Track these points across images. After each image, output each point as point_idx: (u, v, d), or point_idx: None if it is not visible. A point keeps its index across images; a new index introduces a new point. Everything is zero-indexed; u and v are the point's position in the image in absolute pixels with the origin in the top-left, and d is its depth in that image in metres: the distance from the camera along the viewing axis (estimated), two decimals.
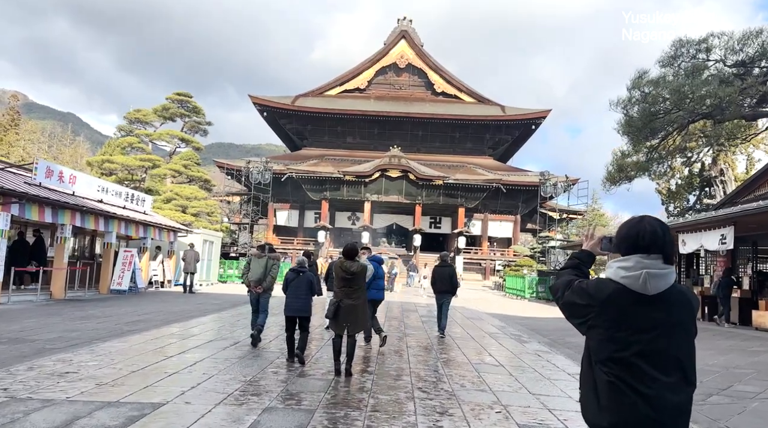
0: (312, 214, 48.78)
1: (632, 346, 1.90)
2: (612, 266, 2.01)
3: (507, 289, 30.36)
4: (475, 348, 9.71)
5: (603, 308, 1.96)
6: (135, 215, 18.78)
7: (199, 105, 33.03)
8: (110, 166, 28.92)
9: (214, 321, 11.82)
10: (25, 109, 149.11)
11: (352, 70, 55.26)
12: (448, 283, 11.16)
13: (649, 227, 1.99)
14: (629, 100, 21.68)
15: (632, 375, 1.88)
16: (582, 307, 2.03)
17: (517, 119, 51.17)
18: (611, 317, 1.94)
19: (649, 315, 1.92)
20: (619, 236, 2.07)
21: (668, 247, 1.99)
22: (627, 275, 1.93)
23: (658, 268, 1.93)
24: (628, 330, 1.92)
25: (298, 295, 7.45)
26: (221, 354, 7.73)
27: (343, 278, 6.65)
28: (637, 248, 1.96)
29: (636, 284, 1.91)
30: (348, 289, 6.65)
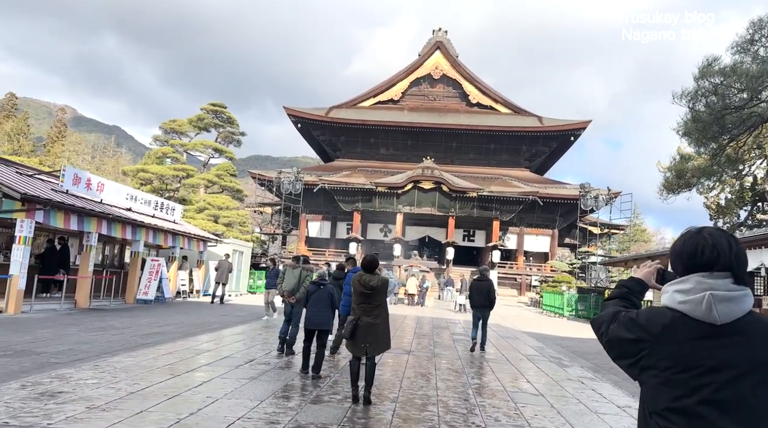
0: (344, 225, 48.40)
1: (698, 392, 1.51)
2: (668, 291, 1.65)
3: (544, 306, 29.08)
4: (511, 373, 8.85)
5: (658, 343, 1.59)
6: (164, 224, 18.60)
7: (233, 116, 33.16)
8: (145, 175, 29.15)
9: (234, 335, 11.29)
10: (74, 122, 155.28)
11: (386, 82, 54.99)
12: (486, 297, 11.08)
13: (711, 238, 1.62)
14: (696, 92, 18.81)
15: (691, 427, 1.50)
16: (631, 343, 1.64)
17: (555, 130, 49.79)
18: (669, 355, 1.57)
19: (719, 351, 1.53)
20: (674, 253, 1.70)
21: (738, 262, 1.61)
22: (686, 299, 1.58)
23: (726, 289, 1.56)
24: (692, 370, 1.53)
25: (319, 308, 7.26)
26: (232, 373, 7.13)
27: (361, 293, 6.01)
28: (696, 266, 1.61)
29: (698, 310, 1.55)
30: (367, 305, 6.00)
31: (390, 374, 7.86)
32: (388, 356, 9.51)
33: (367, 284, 5.93)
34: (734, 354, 1.52)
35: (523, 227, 47.35)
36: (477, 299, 11.13)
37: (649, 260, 19.41)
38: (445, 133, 50.64)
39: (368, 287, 5.92)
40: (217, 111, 32.40)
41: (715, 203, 32.55)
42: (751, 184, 31.08)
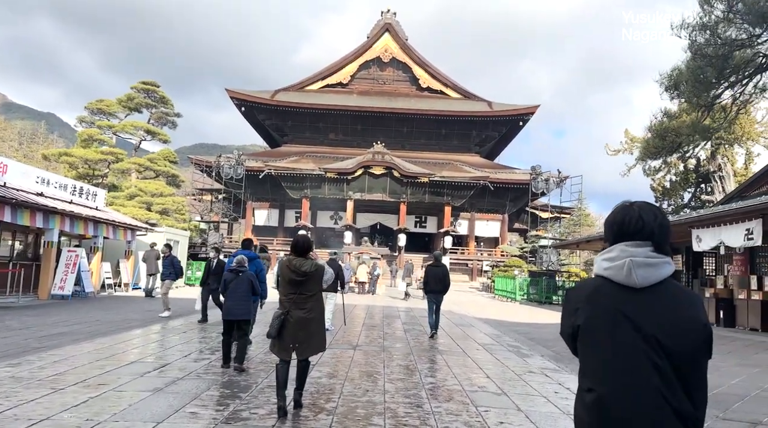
0: (293, 213, 46.74)
1: (618, 349, 1.60)
2: (597, 261, 1.77)
3: (496, 291, 28.65)
4: (469, 367, 7.87)
5: (585, 307, 1.70)
6: (83, 211, 16.68)
7: (167, 95, 30.80)
8: (68, 159, 26.61)
9: (153, 335, 9.84)
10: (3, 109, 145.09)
11: (335, 64, 53.31)
12: (441, 283, 11.01)
13: (638, 210, 1.72)
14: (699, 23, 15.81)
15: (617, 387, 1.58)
16: (569, 316, 1.76)
17: (505, 114, 49.60)
18: (592, 315, 1.67)
19: (635, 309, 1.62)
20: (606, 224, 1.82)
21: (660, 233, 1.70)
22: (610, 266, 1.68)
23: (645, 256, 1.65)
24: (613, 330, 1.62)
25: (238, 297, 6.74)
26: (134, 384, 5.79)
27: (291, 281, 4.95)
28: (622, 235, 1.71)
29: (620, 275, 1.65)
30: (297, 296, 4.94)
31: (330, 376, 6.69)
32: (330, 353, 8.35)
33: (299, 270, 4.90)
34: (650, 312, 1.62)
35: (474, 213, 47.05)
36: (432, 284, 10.98)
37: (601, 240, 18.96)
38: (396, 117, 49.57)
39: (300, 273, 4.89)
40: (149, 90, 30.00)
41: (661, 185, 33.02)
42: (695, 166, 31.63)
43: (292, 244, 5.18)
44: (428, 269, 11.42)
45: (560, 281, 26.55)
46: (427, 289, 11.13)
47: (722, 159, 28.09)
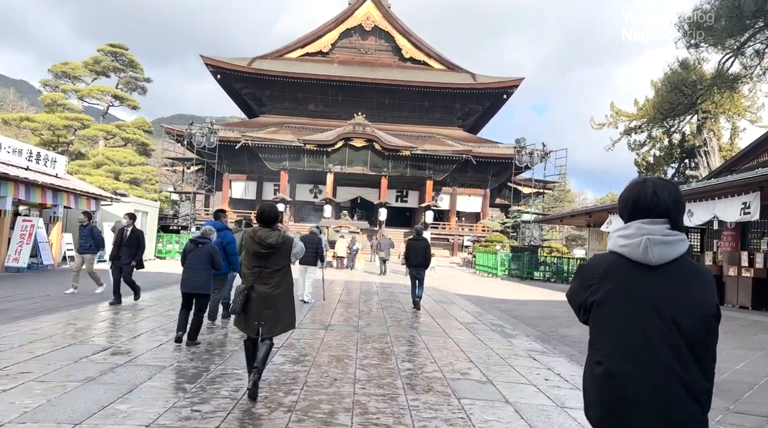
0: (271, 186, 45.64)
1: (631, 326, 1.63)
2: (612, 236, 1.76)
3: (477, 266, 28.20)
4: (450, 349, 7.20)
5: (601, 282, 1.71)
6: (41, 178, 15.54)
7: (136, 59, 29.15)
8: (30, 124, 25.08)
9: (106, 312, 8.99)
10: None
11: (315, 32, 51.58)
12: (422, 256, 10.97)
13: (653, 187, 1.73)
14: None
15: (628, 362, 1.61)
16: (581, 290, 1.78)
17: (489, 86, 48.66)
18: (609, 291, 1.69)
19: (650, 287, 1.65)
20: (620, 201, 1.80)
21: (676, 210, 1.72)
22: (626, 243, 1.69)
23: (662, 234, 1.66)
24: (627, 307, 1.65)
25: (195, 269, 6.45)
26: (60, 372, 4.97)
27: (256, 253, 4.53)
28: (638, 213, 1.72)
29: (636, 252, 1.66)
30: (263, 270, 4.52)
31: (294, 361, 5.95)
32: (299, 333, 7.62)
33: (264, 242, 4.48)
34: (665, 289, 1.64)
35: (455, 187, 46.46)
36: (413, 258, 10.96)
37: (586, 215, 18.40)
38: (378, 88, 48.31)
39: (265, 245, 4.47)
40: (117, 53, 28.31)
41: (645, 160, 32.66)
42: (680, 140, 31.26)
43: (258, 213, 4.70)
44: (409, 243, 11.33)
45: (542, 257, 26.18)
46: (409, 263, 11.15)
47: (708, 133, 27.71)
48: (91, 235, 10.80)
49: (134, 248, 9.58)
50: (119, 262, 9.57)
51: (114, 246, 9.75)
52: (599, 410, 1.66)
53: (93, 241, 10.81)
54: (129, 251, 9.54)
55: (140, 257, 9.78)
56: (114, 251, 9.69)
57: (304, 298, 11.02)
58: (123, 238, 9.54)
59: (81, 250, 11.09)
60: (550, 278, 24.45)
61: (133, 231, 9.66)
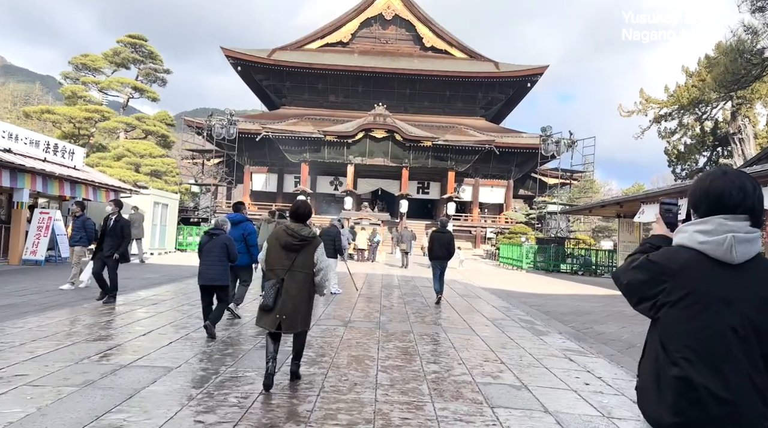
0: (292, 178, 45.43)
1: (712, 328, 1.57)
2: (686, 230, 1.68)
3: (501, 258, 27.51)
4: (479, 350, 6.68)
5: (677, 280, 1.63)
6: (57, 170, 15.38)
7: (156, 50, 29.01)
8: (51, 117, 25.12)
9: (119, 307, 8.68)
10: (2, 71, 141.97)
11: (335, 22, 51.02)
12: (446, 249, 10.86)
13: (737, 181, 1.66)
14: None
15: (708, 366, 1.56)
16: (649, 284, 1.69)
17: (513, 75, 47.58)
18: (687, 292, 1.61)
19: (733, 287, 1.59)
20: (697, 193, 1.72)
21: (760, 207, 1.67)
22: (707, 240, 1.62)
23: (745, 231, 1.62)
24: (709, 308, 1.59)
25: (212, 261, 6.41)
26: (58, 374, 4.59)
27: (288, 246, 4.57)
28: (720, 208, 1.64)
29: (719, 250, 1.60)
30: (293, 265, 4.56)
31: (311, 362, 5.50)
32: (318, 330, 7.19)
33: (297, 234, 4.58)
34: (745, 289, 1.59)
35: (478, 178, 45.67)
36: (437, 250, 10.84)
37: (617, 205, 17.60)
38: (399, 78, 47.62)
39: (298, 237, 4.57)
40: (136, 44, 28.20)
41: (676, 149, 31.47)
42: (712, 128, 30.01)
43: (293, 209, 4.86)
44: (433, 235, 11.19)
45: (569, 249, 25.39)
46: (432, 255, 11.01)
47: (743, 120, 26.46)
48: (83, 227, 10.05)
49: (118, 238, 8.61)
50: (101, 254, 8.60)
51: (99, 237, 8.87)
52: (670, 413, 1.60)
53: (84, 233, 10.05)
54: (112, 242, 8.57)
55: (124, 249, 8.80)
56: (99, 241, 8.79)
57: (331, 290, 11.13)
58: (107, 227, 8.65)
59: (71, 242, 10.39)
60: (578, 270, 23.68)
61: (117, 220, 8.72)
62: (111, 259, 8.53)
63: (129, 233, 8.88)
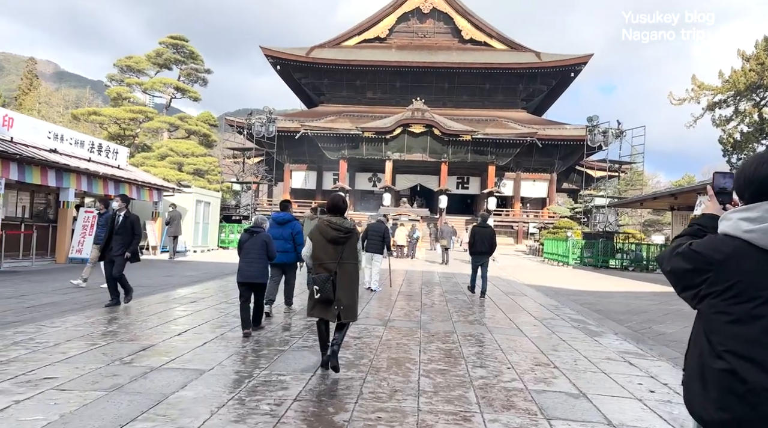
0: (331, 175, 45.54)
1: (759, 320, 1.48)
2: (730, 218, 1.58)
3: (545, 254, 26.66)
4: (528, 352, 6.22)
5: (721, 271, 1.55)
6: (101, 169, 15.63)
7: (197, 50, 29.42)
8: (97, 118, 25.79)
9: (156, 305, 8.60)
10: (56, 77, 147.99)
11: (372, 18, 50.77)
12: (488, 244, 10.80)
13: None
14: None
15: (754, 360, 1.47)
16: (692, 273, 1.62)
17: (555, 65, 46.21)
18: (732, 284, 1.53)
19: None
20: (742, 178, 1.61)
21: None
22: (753, 228, 1.52)
23: None
24: (756, 299, 1.49)
25: (252, 259, 6.42)
26: (86, 378, 4.42)
27: (334, 239, 4.78)
28: (767, 194, 1.53)
29: (765, 238, 1.50)
30: (341, 257, 4.79)
31: (349, 365, 5.18)
32: (356, 330, 6.88)
33: (342, 227, 4.79)
34: None
35: (519, 172, 44.64)
36: (479, 245, 10.79)
37: (671, 197, 16.62)
38: (437, 72, 47.00)
39: (343, 229, 4.79)
40: (178, 45, 28.67)
41: (732, 137, 29.77)
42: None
43: (331, 204, 5.01)
44: (474, 230, 11.09)
45: (618, 244, 24.34)
46: (473, 250, 10.94)
47: None
48: (106, 223, 9.20)
49: (127, 236, 7.96)
50: (110, 254, 7.96)
51: (106, 234, 8.12)
52: (716, 408, 1.52)
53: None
54: (121, 240, 7.91)
55: (135, 247, 8.09)
56: (105, 240, 8.07)
57: (371, 286, 11.09)
58: (115, 225, 7.97)
59: (96, 239, 9.99)
60: (628, 266, 22.65)
61: (126, 216, 8.03)
62: (121, 259, 7.91)
63: (140, 231, 8.27)
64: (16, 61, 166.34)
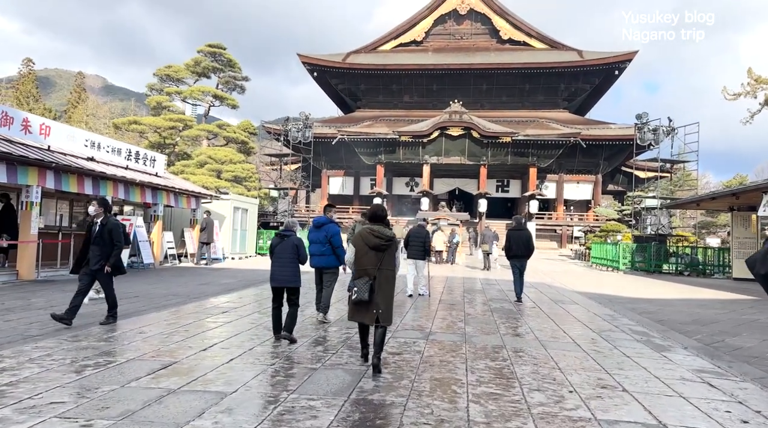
0: (368, 180, 45.17)
1: None
2: None
3: (593, 259, 25.45)
4: (590, 370, 5.50)
5: None
6: (138, 177, 15.60)
7: (234, 58, 29.58)
8: (137, 127, 26.16)
9: (188, 315, 8.24)
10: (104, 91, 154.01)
11: (408, 21, 50.33)
12: (525, 248, 10.74)
13: None
14: None
15: None
16: None
17: (598, 63, 44.61)
18: None
19: None
20: None
21: None
22: None
23: None
24: None
25: (283, 263, 6.34)
26: (107, 397, 3.99)
27: (377, 246, 5.13)
28: None
29: None
30: (382, 263, 5.12)
31: (387, 387, 4.60)
32: (395, 344, 6.31)
33: (384, 235, 5.14)
34: None
35: (562, 174, 43.19)
36: (516, 249, 10.74)
37: (732, 197, 15.41)
38: (474, 74, 46.10)
39: (385, 237, 5.13)
40: (216, 53, 28.91)
41: None
42: None
43: (371, 213, 5.36)
44: (510, 234, 11.03)
45: (671, 247, 22.97)
46: (510, 254, 10.88)
47: None
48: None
49: (106, 247, 6.97)
50: (86, 268, 7.07)
51: (82, 244, 7.24)
52: None
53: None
54: (99, 251, 6.95)
55: (116, 258, 7.09)
56: (81, 252, 7.20)
57: (419, 291, 11.07)
58: (91, 234, 7.02)
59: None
60: (683, 271, 21.30)
61: (104, 224, 6.99)
62: (101, 272, 7.02)
63: (120, 239, 7.18)
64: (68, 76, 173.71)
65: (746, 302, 12.12)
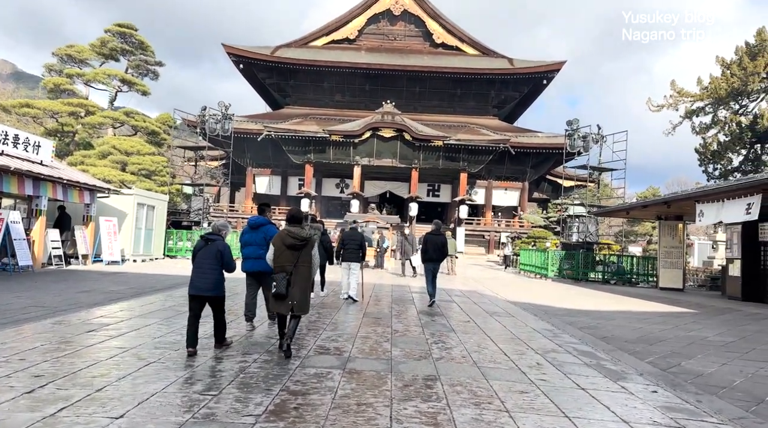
0: (296, 180, 43.37)
1: None
2: None
3: (521, 266, 25.13)
4: (548, 413, 4.35)
5: None
6: (15, 164, 13.23)
7: (147, 40, 26.95)
8: (30, 111, 23.08)
9: (18, 342, 6.44)
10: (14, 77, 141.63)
11: (341, 18, 49.00)
12: (440, 252, 11.00)
13: None
14: None
15: None
16: None
17: (528, 71, 45.23)
18: None
19: None
20: None
21: None
22: None
23: None
24: None
25: (204, 270, 5.79)
26: None
27: (292, 246, 5.61)
28: None
29: None
30: (298, 260, 5.61)
31: None
32: (302, 375, 4.91)
33: (299, 236, 5.64)
34: None
35: (491, 180, 43.35)
36: (432, 252, 10.86)
37: (663, 205, 15.12)
38: (407, 76, 45.46)
39: (300, 238, 5.63)
40: (125, 33, 26.15)
41: (710, 146, 28.96)
42: (751, 122, 27.51)
43: (289, 216, 5.90)
44: (428, 238, 11.05)
45: (597, 255, 22.97)
46: (426, 257, 10.93)
47: None
48: None
49: None
50: None
51: None
52: None
53: None
54: None
55: None
56: None
57: (350, 294, 10.62)
58: None
59: None
60: (610, 279, 21.25)
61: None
62: None
63: None
64: None
65: (686, 316, 11.68)
